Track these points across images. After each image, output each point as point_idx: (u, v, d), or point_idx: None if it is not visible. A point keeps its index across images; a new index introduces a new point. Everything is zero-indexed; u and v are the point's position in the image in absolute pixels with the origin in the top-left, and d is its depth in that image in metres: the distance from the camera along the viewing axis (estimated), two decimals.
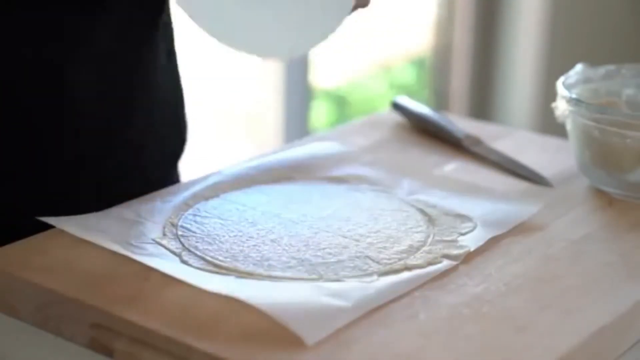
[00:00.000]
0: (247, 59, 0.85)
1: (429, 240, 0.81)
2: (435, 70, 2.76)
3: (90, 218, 0.81)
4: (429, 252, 0.79)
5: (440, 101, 2.75)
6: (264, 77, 2.28)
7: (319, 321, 0.68)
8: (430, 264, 0.77)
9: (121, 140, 0.92)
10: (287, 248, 0.79)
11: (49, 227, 0.80)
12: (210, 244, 0.79)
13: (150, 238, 0.80)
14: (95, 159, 0.90)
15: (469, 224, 0.84)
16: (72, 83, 0.86)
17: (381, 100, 2.77)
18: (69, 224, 0.80)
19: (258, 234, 0.82)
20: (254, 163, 0.95)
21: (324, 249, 0.79)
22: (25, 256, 0.77)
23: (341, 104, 2.67)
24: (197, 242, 0.80)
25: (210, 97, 2.31)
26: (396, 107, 1.12)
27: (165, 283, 0.73)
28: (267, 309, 0.68)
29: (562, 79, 0.96)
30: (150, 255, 0.77)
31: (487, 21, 2.73)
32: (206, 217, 0.84)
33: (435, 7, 2.72)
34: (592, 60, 1.02)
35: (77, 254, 0.77)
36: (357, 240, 0.81)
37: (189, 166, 1.07)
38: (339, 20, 0.81)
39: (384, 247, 0.80)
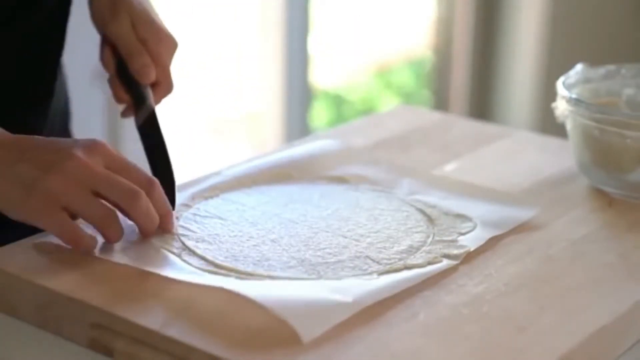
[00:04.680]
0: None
1: (429, 240, 0.81)
2: (435, 70, 2.76)
3: None
4: (429, 252, 0.79)
5: (440, 101, 2.75)
6: (264, 77, 2.29)
7: (318, 316, 0.68)
8: (430, 263, 0.77)
9: None
10: (287, 248, 0.79)
11: None
12: (210, 244, 0.79)
13: (150, 238, 0.79)
14: None
15: (469, 224, 0.84)
16: None
17: (380, 101, 2.77)
18: None
19: (258, 234, 0.82)
20: (254, 163, 0.95)
21: (324, 249, 0.79)
22: (25, 256, 0.77)
23: (340, 105, 2.67)
24: (197, 242, 0.79)
25: (210, 97, 2.31)
26: None
27: (165, 283, 0.73)
28: (266, 303, 0.68)
29: (562, 79, 0.96)
30: (150, 255, 0.77)
31: (487, 21, 2.73)
32: (206, 217, 0.84)
33: (435, 7, 2.72)
34: (592, 60, 1.02)
35: (77, 254, 0.77)
36: (357, 240, 0.81)
37: (189, 166, 1.07)
38: None
39: (384, 247, 0.80)
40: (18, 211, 0.75)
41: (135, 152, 0.90)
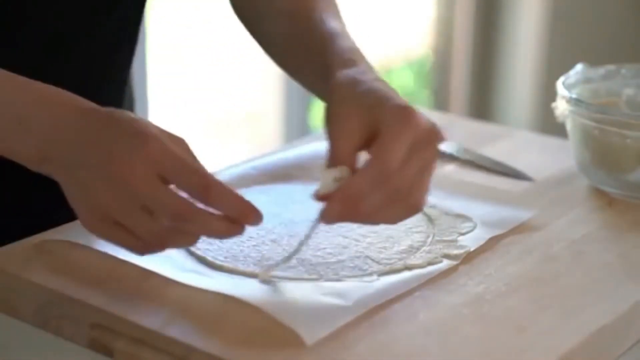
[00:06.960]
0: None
1: (429, 240, 0.81)
2: (435, 70, 2.76)
3: None
4: (429, 252, 0.79)
5: (440, 101, 2.75)
6: (264, 77, 2.28)
7: (319, 320, 0.68)
8: (430, 264, 0.77)
9: None
10: (287, 248, 0.79)
11: (48, 227, 0.80)
12: (210, 243, 0.79)
13: None
14: None
15: (469, 224, 0.84)
16: None
17: None
18: (69, 233, 0.79)
19: (258, 234, 0.81)
20: (254, 163, 0.95)
21: (324, 249, 0.79)
22: (25, 256, 0.77)
23: None
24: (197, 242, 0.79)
25: (211, 97, 2.31)
26: None
27: (165, 283, 0.73)
28: (267, 308, 0.68)
29: (562, 79, 0.96)
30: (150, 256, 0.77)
31: (487, 21, 2.73)
32: None
33: (435, 7, 2.72)
34: (592, 60, 1.02)
35: (77, 254, 0.77)
36: (357, 240, 0.81)
37: None
38: None
39: (384, 247, 0.80)
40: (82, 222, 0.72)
41: None
